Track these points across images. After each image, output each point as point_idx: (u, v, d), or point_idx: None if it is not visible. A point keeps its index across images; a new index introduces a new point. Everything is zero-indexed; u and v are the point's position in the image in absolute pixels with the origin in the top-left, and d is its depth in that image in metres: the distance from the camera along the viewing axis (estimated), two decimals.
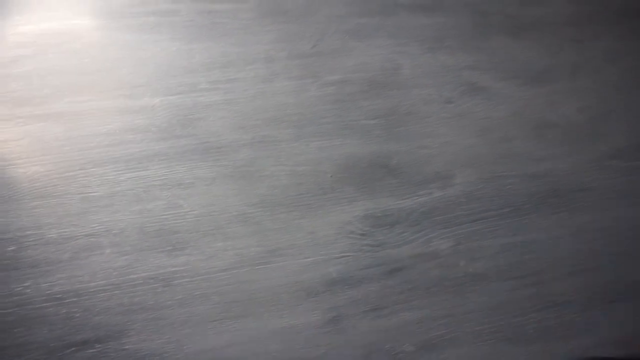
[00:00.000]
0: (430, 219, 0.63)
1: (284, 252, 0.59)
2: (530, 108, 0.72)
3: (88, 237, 0.59)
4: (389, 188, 0.64)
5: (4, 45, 0.68)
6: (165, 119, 0.66)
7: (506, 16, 0.80)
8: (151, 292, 0.56)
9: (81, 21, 0.71)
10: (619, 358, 0.54)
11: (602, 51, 0.78)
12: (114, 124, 0.65)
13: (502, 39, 0.78)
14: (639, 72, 0.77)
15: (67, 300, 0.55)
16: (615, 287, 0.59)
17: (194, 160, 0.64)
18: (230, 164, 0.64)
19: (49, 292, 0.55)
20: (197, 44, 0.71)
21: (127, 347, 0.53)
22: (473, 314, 0.57)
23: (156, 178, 0.62)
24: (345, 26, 0.76)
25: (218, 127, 0.66)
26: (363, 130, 0.67)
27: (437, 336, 0.55)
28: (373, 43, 0.75)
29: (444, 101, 0.71)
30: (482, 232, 0.62)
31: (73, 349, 0.53)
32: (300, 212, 0.62)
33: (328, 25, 0.75)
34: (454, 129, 0.69)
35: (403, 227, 0.62)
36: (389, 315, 0.56)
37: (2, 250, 0.57)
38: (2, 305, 0.54)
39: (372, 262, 0.59)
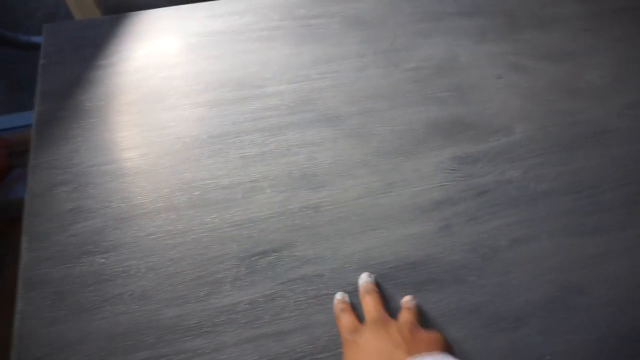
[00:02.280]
0: (502, 157, 0.83)
1: (398, 184, 0.79)
2: (561, 78, 0.94)
3: (252, 182, 0.78)
4: (467, 138, 0.85)
5: (168, 55, 0.89)
6: (291, 99, 0.86)
7: (532, 15, 1.04)
8: (306, 217, 0.75)
9: (215, 37, 0.93)
10: None
11: (607, 36, 1.01)
12: (255, 105, 0.85)
13: (531, 32, 1.01)
14: (637, 49, 1.00)
15: (246, 225, 0.73)
16: None
17: (319, 127, 0.84)
18: (347, 127, 0.84)
19: (231, 220, 0.74)
20: (304, 47, 0.93)
21: (296, 253, 0.71)
22: (546, 218, 0.76)
23: (293, 140, 0.82)
24: (410, 29, 0.99)
25: (332, 103, 0.87)
26: (439, 100, 0.89)
27: (523, 234, 0.74)
28: (434, 40, 0.97)
29: (495, 77, 0.93)
30: (542, 163, 0.82)
31: (257, 256, 0.71)
32: (405, 157, 0.82)
33: (398, 30, 0.98)
34: (507, 95, 0.90)
35: (483, 163, 0.82)
36: (484, 222, 0.75)
37: (191, 194, 0.76)
38: (199, 231, 0.72)
39: (464, 187, 0.79)
